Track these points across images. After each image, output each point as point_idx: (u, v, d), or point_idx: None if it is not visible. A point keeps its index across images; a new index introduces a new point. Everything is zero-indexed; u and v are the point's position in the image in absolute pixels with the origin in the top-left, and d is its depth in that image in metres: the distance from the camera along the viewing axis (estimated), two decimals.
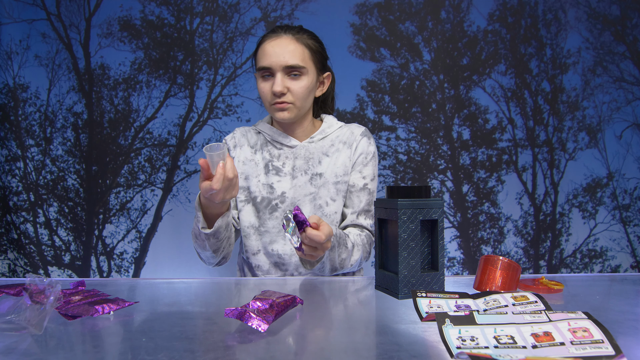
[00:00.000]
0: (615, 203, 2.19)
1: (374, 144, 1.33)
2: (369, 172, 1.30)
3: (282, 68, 1.20)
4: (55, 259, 2.13)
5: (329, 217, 1.26)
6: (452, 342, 0.57)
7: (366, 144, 1.31)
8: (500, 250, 2.17)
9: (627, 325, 0.69)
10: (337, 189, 1.27)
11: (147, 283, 1.09)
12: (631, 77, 2.17)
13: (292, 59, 1.20)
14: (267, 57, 1.21)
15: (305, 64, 1.22)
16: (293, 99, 1.22)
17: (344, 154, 1.29)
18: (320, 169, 1.27)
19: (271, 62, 1.20)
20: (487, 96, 2.16)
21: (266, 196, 1.26)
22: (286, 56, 1.20)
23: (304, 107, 1.27)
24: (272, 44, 1.22)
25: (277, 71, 1.21)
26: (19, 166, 2.10)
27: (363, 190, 1.28)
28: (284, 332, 0.69)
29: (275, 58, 1.20)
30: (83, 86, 2.12)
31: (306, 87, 1.23)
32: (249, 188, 1.28)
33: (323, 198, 1.26)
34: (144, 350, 0.60)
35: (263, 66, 1.22)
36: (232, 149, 1.33)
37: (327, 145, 1.30)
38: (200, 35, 2.13)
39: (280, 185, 1.26)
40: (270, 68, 1.21)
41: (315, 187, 1.26)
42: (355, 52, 2.14)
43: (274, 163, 1.28)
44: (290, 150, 1.29)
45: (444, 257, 0.92)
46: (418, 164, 2.15)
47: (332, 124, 1.35)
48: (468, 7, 2.14)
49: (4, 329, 0.66)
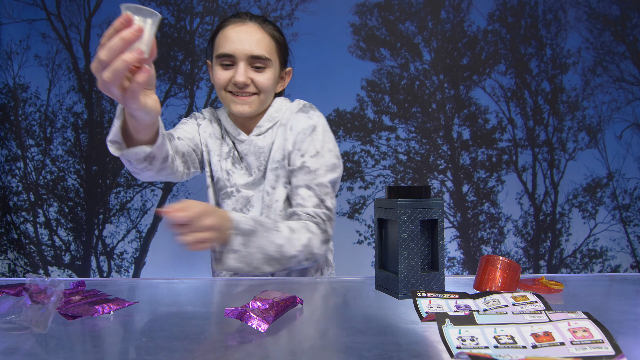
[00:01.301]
0: (615, 203, 2.19)
1: (316, 117, 1.17)
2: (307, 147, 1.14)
3: (246, 57, 1.10)
4: (55, 259, 2.13)
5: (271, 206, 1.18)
6: (452, 342, 0.57)
7: (304, 119, 1.16)
8: (500, 250, 2.17)
9: (627, 325, 0.69)
10: (276, 175, 1.17)
11: (147, 283, 1.09)
12: (631, 77, 2.17)
13: (258, 48, 1.11)
14: (230, 44, 1.10)
15: (270, 55, 1.13)
16: (257, 90, 1.13)
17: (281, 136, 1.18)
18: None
19: (235, 49, 1.10)
20: (487, 96, 2.16)
21: (222, 179, 1.21)
22: (252, 45, 1.10)
23: (267, 102, 1.18)
24: (237, 30, 1.11)
25: (241, 60, 1.11)
26: (19, 166, 2.10)
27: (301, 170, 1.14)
28: (284, 332, 0.69)
29: (239, 45, 1.10)
30: (83, 86, 2.11)
31: (271, 79, 1.14)
32: (211, 162, 1.22)
33: (265, 188, 1.18)
34: (144, 350, 0.60)
35: (225, 53, 1.10)
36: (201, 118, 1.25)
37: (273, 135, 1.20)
38: (200, 35, 2.13)
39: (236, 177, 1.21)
40: (233, 56, 1.10)
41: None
42: (355, 52, 2.14)
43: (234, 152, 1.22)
44: (240, 144, 1.21)
45: (444, 257, 0.92)
46: (418, 164, 2.15)
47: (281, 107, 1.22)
48: (468, 7, 2.14)
49: (6, 329, 0.66)
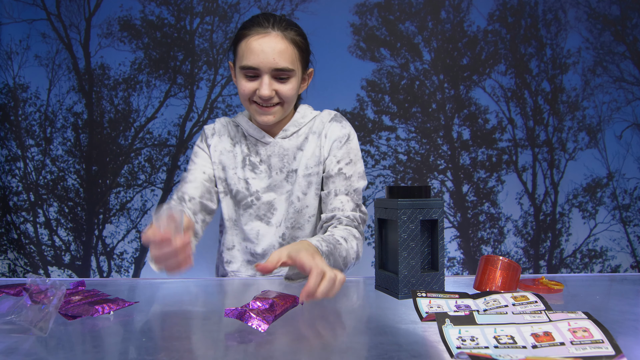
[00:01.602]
0: (615, 203, 2.19)
1: (348, 127, 1.25)
2: (343, 155, 1.22)
3: (270, 70, 1.13)
4: (55, 259, 2.13)
5: (300, 212, 1.22)
6: (452, 342, 0.57)
7: (338, 128, 1.23)
8: (500, 250, 2.17)
9: (627, 325, 0.69)
10: (308, 182, 1.21)
11: (147, 283, 1.09)
12: (631, 77, 2.17)
13: (282, 61, 1.13)
14: (254, 56, 1.12)
15: (293, 65, 1.15)
16: (280, 100, 1.17)
17: (313, 144, 1.23)
18: (295, 165, 1.23)
19: (259, 62, 1.12)
20: (487, 96, 2.16)
21: (242, 191, 1.23)
22: (276, 58, 1.12)
23: (290, 108, 1.22)
24: (260, 42, 1.12)
25: (265, 73, 1.13)
26: (19, 166, 2.10)
27: (338, 176, 1.21)
28: (284, 332, 0.69)
29: (263, 58, 1.11)
30: (83, 86, 2.12)
31: (294, 88, 1.17)
32: (227, 180, 1.25)
33: (295, 194, 1.21)
34: (144, 350, 0.60)
35: (249, 66, 1.13)
36: (210, 137, 1.27)
37: (301, 139, 1.24)
38: (200, 35, 2.13)
39: (255, 183, 1.23)
40: (258, 69, 1.13)
41: (291, 184, 1.23)
42: (355, 52, 2.14)
43: (250, 158, 1.24)
44: (264, 147, 1.24)
45: (444, 257, 0.92)
46: (418, 164, 2.15)
47: (306, 114, 1.27)
48: (468, 7, 2.14)
49: (6, 329, 0.66)
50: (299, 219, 1.22)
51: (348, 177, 1.21)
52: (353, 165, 1.22)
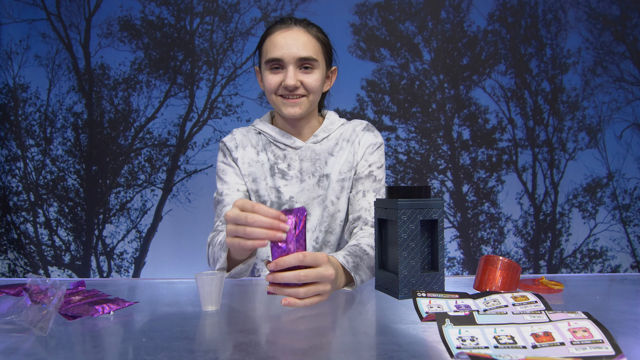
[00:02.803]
0: (615, 203, 2.19)
1: (379, 136, 1.29)
2: (375, 160, 1.26)
3: (294, 60, 1.15)
4: (55, 259, 2.13)
5: (333, 216, 1.23)
6: (452, 342, 0.57)
7: (371, 137, 1.27)
8: (500, 250, 2.17)
9: (627, 325, 0.69)
10: (342, 187, 1.24)
11: (147, 283, 1.09)
12: (631, 77, 2.17)
13: (304, 51, 1.15)
14: (278, 49, 1.15)
15: (317, 56, 1.18)
16: (306, 92, 1.18)
17: (347, 151, 1.26)
18: (326, 169, 1.24)
19: (283, 53, 1.15)
20: (487, 96, 2.16)
21: (275, 200, 1.23)
22: (299, 48, 1.15)
23: (315, 101, 1.23)
24: (284, 35, 1.16)
25: (290, 64, 1.15)
26: (19, 166, 2.10)
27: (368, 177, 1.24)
28: (283, 332, 0.69)
29: (287, 50, 1.14)
30: (83, 86, 2.12)
31: (319, 79, 1.19)
32: (258, 191, 1.24)
33: (329, 198, 1.23)
34: (144, 350, 0.60)
35: (274, 57, 1.15)
36: (234, 149, 1.26)
37: (332, 144, 1.26)
38: (200, 35, 2.13)
39: (287, 190, 1.23)
40: (282, 60, 1.15)
41: (323, 189, 1.23)
42: (355, 52, 2.14)
43: (279, 166, 1.24)
44: (294, 151, 1.24)
45: (444, 257, 0.92)
46: (418, 164, 2.15)
47: (335, 120, 1.31)
48: (468, 7, 2.14)
49: (6, 329, 0.66)
50: (331, 223, 1.23)
51: (378, 180, 1.24)
52: (382, 170, 1.27)
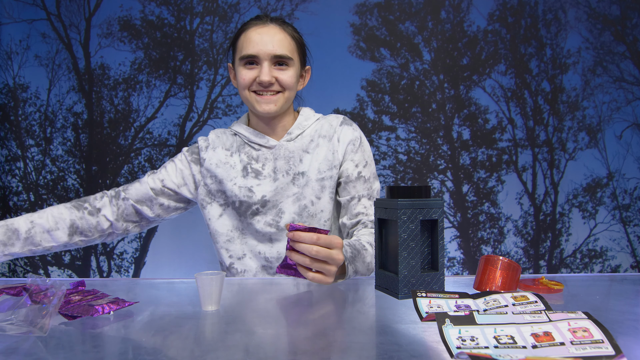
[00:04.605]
0: (615, 203, 2.19)
1: (358, 129, 1.28)
2: (360, 159, 1.24)
3: (269, 57, 1.16)
4: (55, 259, 2.13)
5: (315, 216, 1.22)
6: (452, 342, 0.57)
7: (350, 131, 1.25)
8: (500, 250, 2.17)
9: (627, 325, 0.69)
10: (322, 186, 1.21)
11: (147, 283, 1.09)
12: (631, 77, 2.17)
13: (280, 48, 1.16)
14: (253, 45, 1.16)
15: (292, 54, 1.19)
16: (281, 88, 1.18)
17: (324, 148, 1.23)
18: (302, 167, 1.22)
19: (258, 50, 1.15)
20: (487, 96, 2.16)
21: (244, 200, 1.22)
22: (275, 45, 1.16)
23: (291, 99, 1.23)
24: (260, 32, 1.17)
25: (265, 60, 1.16)
26: (19, 166, 2.10)
27: (358, 180, 1.23)
28: (284, 332, 0.69)
29: (262, 46, 1.15)
30: (83, 86, 2.12)
31: (294, 76, 1.19)
32: (225, 192, 1.24)
33: (307, 197, 1.21)
34: (144, 350, 0.60)
35: (249, 54, 1.16)
36: (204, 150, 1.28)
37: (306, 141, 1.24)
38: (200, 35, 2.13)
39: (260, 189, 1.22)
40: (257, 56, 1.16)
41: (298, 187, 1.21)
42: (355, 52, 2.14)
43: (252, 165, 1.24)
44: (269, 151, 1.24)
45: (444, 257, 0.92)
46: (418, 164, 2.15)
47: (309, 116, 1.29)
48: (468, 7, 2.14)
49: (6, 329, 0.66)
50: (313, 223, 1.22)
51: (367, 180, 1.24)
52: (368, 166, 1.25)
